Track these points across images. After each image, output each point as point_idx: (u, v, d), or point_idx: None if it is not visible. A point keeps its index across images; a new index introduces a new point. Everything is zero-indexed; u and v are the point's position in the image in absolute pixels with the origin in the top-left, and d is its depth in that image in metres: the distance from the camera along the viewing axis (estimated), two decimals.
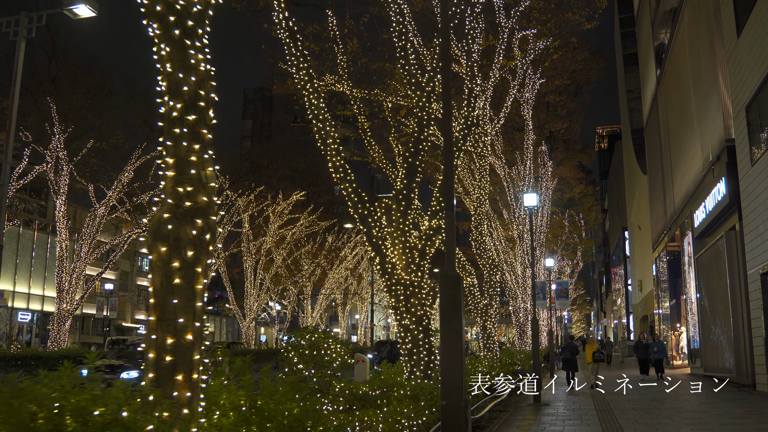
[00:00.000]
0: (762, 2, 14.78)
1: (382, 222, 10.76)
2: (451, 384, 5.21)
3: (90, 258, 30.34)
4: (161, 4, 4.23)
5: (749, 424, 10.37)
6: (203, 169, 3.99)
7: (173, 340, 3.66)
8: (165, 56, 4.19)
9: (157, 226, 3.88)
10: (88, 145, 28.95)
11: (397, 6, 11.41)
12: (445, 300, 5.22)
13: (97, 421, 2.83)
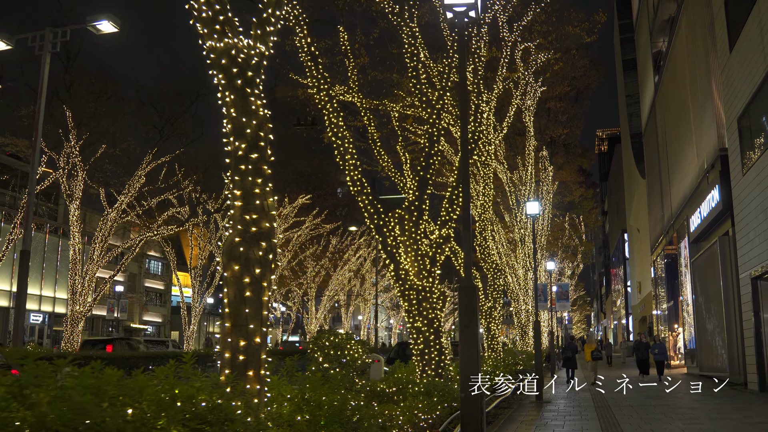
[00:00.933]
0: (752, 20, 15.58)
1: (396, 231, 11.56)
2: (468, 378, 6.02)
3: (102, 261, 31.13)
4: (226, 58, 5.05)
5: (737, 419, 11.16)
6: (265, 199, 4.80)
7: (245, 343, 4.46)
8: (229, 102, 5.00)
9: (230, 248, 4.69)
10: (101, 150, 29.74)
11: (409, 30, 12.21)
12: (463, 308, 6.04)
13: (203, 406, 3.60)
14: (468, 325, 5.98)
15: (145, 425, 2.94)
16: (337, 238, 54.98)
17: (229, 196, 4.87)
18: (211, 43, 5.05)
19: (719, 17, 18.79)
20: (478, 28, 14.06)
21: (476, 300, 6.09)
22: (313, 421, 4.78)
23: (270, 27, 5.36)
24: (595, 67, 38.42)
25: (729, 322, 18.68)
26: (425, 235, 11.83)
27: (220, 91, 5.06)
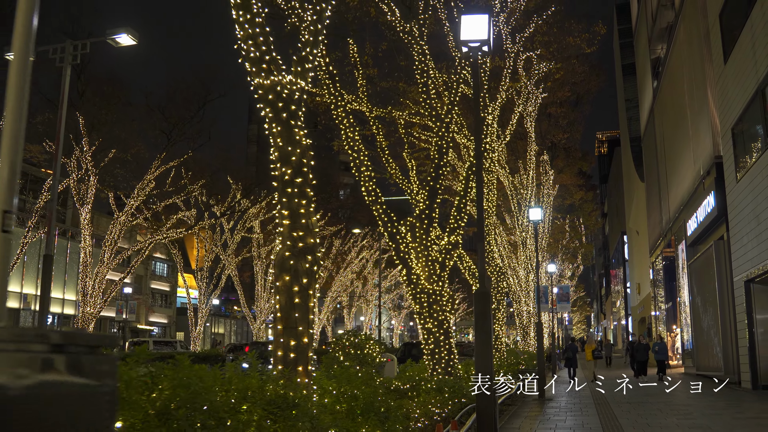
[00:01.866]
0: (745, 35, 16.31)
1: (408, 238, 12.29)
2: (483, 373, 6.75)
3: (112, 264, 31.84)
4: (272, 94, 5.78)
5: (729, 415, 11.89)
6: (309, 218, 5.53)
7: (295, 342, 5.18)
8: (276, 133, 5.73)
9: (281, 261, 5.42)
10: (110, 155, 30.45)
11: (419, 48, 12.95)
12: (478, 312, 6.77)
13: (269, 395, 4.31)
14: (482, 327, 6.71)
15: (234, 408, 3.67)
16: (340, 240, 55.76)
17: (278, 215, 5.61)
18: (258, 80, 5.78)
19: (714, 29, 19.53)
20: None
21: (489, 305, 6.82)
22: (350, 410, 5.49)
23: (309, 64, 6.08)
24: (595, 73, 39.16)
25: (724, 323, 19.40)
26: (435, 242, 12.56)
27: (267, 123, 5.79)
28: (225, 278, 44.28)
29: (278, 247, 5.58)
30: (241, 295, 47.25)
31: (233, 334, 71.63)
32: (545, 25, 21.47)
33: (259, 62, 5.77)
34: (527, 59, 22.49)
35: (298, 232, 5.42)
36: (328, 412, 5.18)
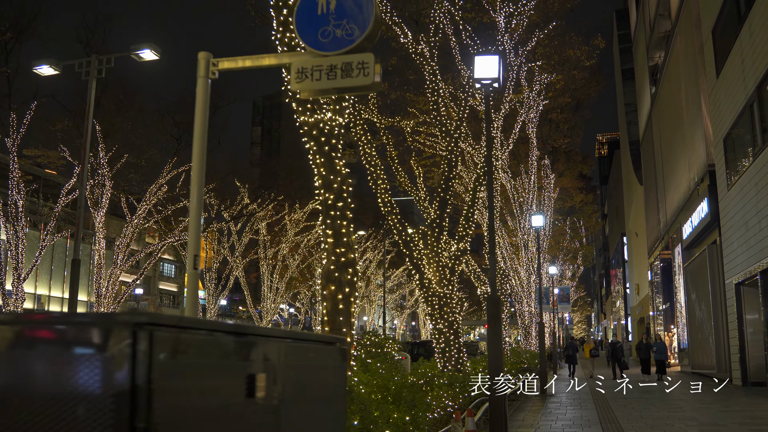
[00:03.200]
0: (735, 52, 17.30)
1: (420, 245, 13.30)
2: (495, 370, 7.77)
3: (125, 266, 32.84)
4: (316, 130, 6.79)
5: (717, 408, 12.90)
6: (350, 237, 6.53)
7: None
8: (319, 164, 6.75)
9: (327, 274, 6.43)
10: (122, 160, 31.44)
11: (430, 68, 13.96)
12: (490, 315, 7.77)
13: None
14: (494, 328, 7.72)
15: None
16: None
17: (322, 234, 6.63)
18: (304, 117, 6.80)
19: (707, 44, 20.52)
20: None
21: (500, 309, 7.82)
22: (384, 399, 6.49)
23: (345, 102, 7.09)
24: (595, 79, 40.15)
25: (717, 324, 20.41)
26: (445, 249, 13.57)
27: (311, 155, 6.80)
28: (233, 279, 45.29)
29: (323, 261, 6.59)
30: (247, 295, 48.26)
31: None
32: (546, 38, 22.46)
33: (304, 102, 6.78)
34: (529, 70, 23.49)
35: (341, 249, 6.43)
36: (366, 400, 6.19)
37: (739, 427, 10.01)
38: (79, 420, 1.39)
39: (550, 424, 10.97)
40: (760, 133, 15.53)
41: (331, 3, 3.86)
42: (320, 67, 3.89)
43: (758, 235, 15.72)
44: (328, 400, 2.55)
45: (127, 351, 1.39)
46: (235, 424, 1.77)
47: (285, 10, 6.97)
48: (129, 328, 1.43)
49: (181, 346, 1.54)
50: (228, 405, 1.75)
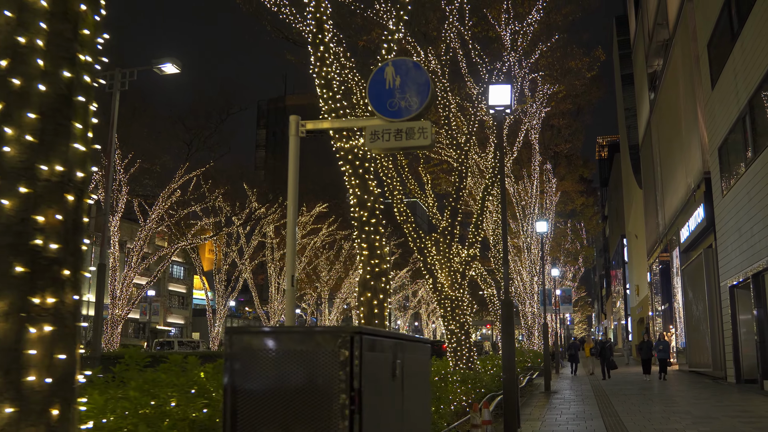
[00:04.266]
0: (729, 67, 18.25)
1: (433, 252, 14.25)
2: (508, 366, 8.72)
3: (138, 268, 33.81)
4: (351, 155, 7.75)
5: (710, 404, 13.84)
6: (382, 249, 7.48)
7: None
8: (354, 185, 7.70)
9: (364, 282, 7.39)
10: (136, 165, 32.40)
11: (441, 85, 14.91)
12: (504, 317, 8.70)
13: None
14: (507, 329, 8.66)
15: None
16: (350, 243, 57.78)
17: (357, 247, 7.58)
18: (339, 144, 7.76)
19: (703, 57, 21.47)
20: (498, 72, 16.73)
21: (512, 312, 8.76)
22: None
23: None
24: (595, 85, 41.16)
25: (712, 324, 21.36)
26: (456, 255, 14.52)
27: (346, 177, 7.76)
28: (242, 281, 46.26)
29: (359, 271, 7.54)
30: (255, 296, 49.21)
31: None
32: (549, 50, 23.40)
33: (340, 130, 7.74)
34: (532, 80, 24.45)
35: (375, 260, 7.38)
36: None
37: (730, 420, 10.94)
38: (327, 383, 2.71)
39: (555, 417, 11.91)
40: (752, 144, 16.47)
41: (397, 80, 4.82)
42: (389, 131, 4.86)
43: (750, 241, 16.66)
44: (422, 376, 3.82)
45: (348, 346, 2.67)
46: (388, 388, 3.06)
47: (321, 47, 7.93)
48: (350, 334, 2.71)
49: (370, 344, 2.80)
50: (387, 377, 3.04)
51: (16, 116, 2.56)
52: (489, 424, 7.74)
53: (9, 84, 2.58)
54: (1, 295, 2.43)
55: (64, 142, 2.65)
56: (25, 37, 2.62)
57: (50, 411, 2.47)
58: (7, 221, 2.49)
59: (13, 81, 2.58)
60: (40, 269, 2.52)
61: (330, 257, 55.22)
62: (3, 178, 2.51)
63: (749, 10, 16.18)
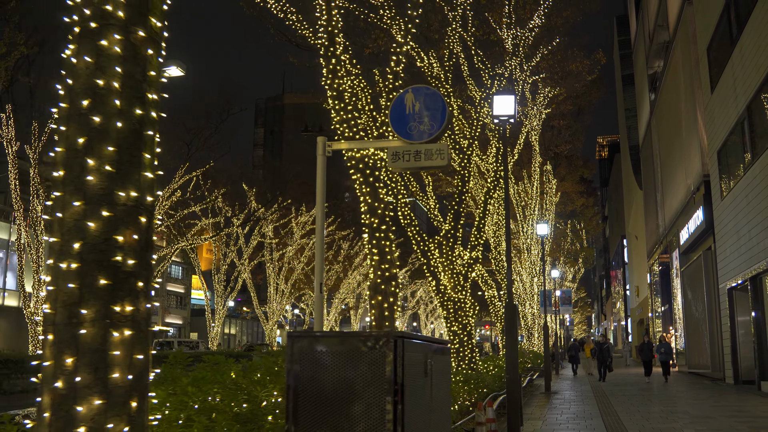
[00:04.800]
0: (728, 72, 18.49)
1: (436, 254, 14.49)
2: (511, 366, 8.96)
3: None
4: (362, 164, 7.99)
5: (707, 404, 14.09)
6: (392, 254, 7.72)
7: None
8: (365, 192, 7.94)
9: (375, 286, 7.63)
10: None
11: (445, 90, 15.14)
12: (507, 319, 8.94)
13: None
14: (510, 331, 8.90)
15: None
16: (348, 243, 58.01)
17: (368, 253, 7.83)
18: (351, 153, 8.00)
19: (702, 61, 21.71)
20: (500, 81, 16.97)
21: (516, 315, 8.98)
22: None
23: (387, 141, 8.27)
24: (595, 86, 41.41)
25: (711, 326, 21.60)
26: (459, 258, 14.76)
27: (357, 185, 7.99)
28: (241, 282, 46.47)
29: (371, 276, 7.79)
30: (254, 297, 49.42)
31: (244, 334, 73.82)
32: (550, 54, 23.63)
33: (351, 140, 7.97)
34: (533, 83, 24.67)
35: (385, 265, 7.63)
36: None
37: (726, 420, 11.19)
38: (375, 379, 3.28)
39: (556, 416, 12.16)
40: (750, 149, 16.71)
41: (416, 106, 5.09)
42: (409, 152, 5.14)
43: (748, 244, 16.91)
44: (445, 373, 4.35)
45: (392, 346, 3.24)
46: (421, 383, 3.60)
47: (333, 60, 8.16)
48: (393, 337, 3.24)
49: (408, 346, 3.35)
50: (421, 374, 3.58)
51: (96, 149, 2.85)
52: (493, 422, 7.98)
53: (90, 121, 2.86)
54: (89, 305, 2.72)
55: (136, 171, 2.93)
56: (103, 80, 2.89)
57: (130, 403, 2.78)
58: (92, 241, 2.77)
59: (93, 119, 2.86)
60: (120, 282, 2.80)
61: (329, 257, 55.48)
62: (87, 203, 2.79)
63: (748, 16, 16.42)
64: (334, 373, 3.32)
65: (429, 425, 3.76)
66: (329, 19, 8.29)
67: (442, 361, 4.21)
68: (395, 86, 8.96)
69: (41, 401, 2.78)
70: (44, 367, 2.79)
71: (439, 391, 4.01)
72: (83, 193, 2.84)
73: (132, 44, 3.06)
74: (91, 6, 3.06)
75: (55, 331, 2.77)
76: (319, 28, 8.36)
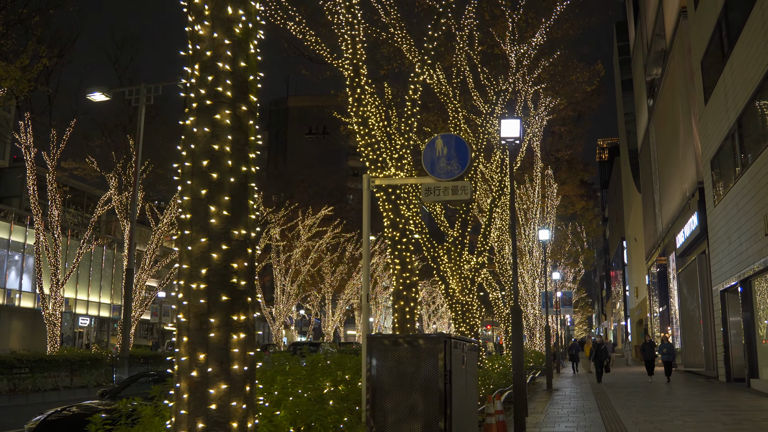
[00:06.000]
0: (720, 86, 19.46)
1: (445, 260, 15.48)
2: (518, 363, 9.97)
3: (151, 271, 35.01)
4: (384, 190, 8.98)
5: (699, 399, 15.08)
6: (412, 264, 8.72)
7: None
8: (387, 209, 8.94)
9: (397, 292, 8.63)
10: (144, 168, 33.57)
11: (453, 105, 16.13)
12: (514, 322, 9.93)
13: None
14: (516, 333, 9.90)
15: None
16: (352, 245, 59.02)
17: (391, 264, 8.84)
18: (375, 173, 8.99)
19: (697, 74, 22.69)
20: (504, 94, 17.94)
21: (521, 318, 9.97)
22: None
23: (404, 160, 9.27)
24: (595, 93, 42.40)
25: (705, 326, 22.60)
26: (466, 263, 15.75)
27: (380, 202, 8.99)
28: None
29: (393, 284, 8.78)
30: (261, 298, 50.42)
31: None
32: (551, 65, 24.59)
33: (375, 162, 8.97)
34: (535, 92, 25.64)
35: (406, 274, 8.63)
36: None
37: (714, 413, 12.18)
38: (432, 368, 4.59)
39: (557, 411, 13.16)
40: (740, 160, 17.71)
41: (444, 150, 6.10)
42: (439, 188, 6.16)
43: (738, 249, 17.90)
44: (474, 365, 5.59)
45: (443, 345, 4.52)
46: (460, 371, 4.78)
47: (358, 90, 9.16)
48: (443, 339, 4.52)
49: (453, 344, 4.57)
50: (459, 364, 4.73)
51: (216, 198, 3.83)
52: (501, 414, 8.97)
53: (210, 177, 3.84)
54: (215, 315, 3.70)
55: (245, 214, 3.92)
56: (218, 145, 3.88)
57: (246, 387, 3.76)
58: (216, 267, 3.76)
59: (212, 175, 3.85)
60: (236, 298, 3.79)
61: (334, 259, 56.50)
62: (211, 239, 3.78)
63: (738, 34, 17.41)
64: (403, 364, 4.58)
65: (465, 401, 4.99)
66: (354, 52, 9.28)
67: (473, 356, 5.46)
68: (413, 112, 9.97)
69: (179, 387, 3.77)
70: (181, 361, 3.78)
71: (471, 377, 5.24)
72: (207, 231, 3.83)
73: (237, 117, 4.05)
74: (206, 87, 4.06)
75: (189, 335, 3.76)
76: (344, 61, 9.36)
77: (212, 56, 4.11)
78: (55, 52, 27.11)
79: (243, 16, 4.22)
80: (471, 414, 5.57)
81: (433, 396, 4.50)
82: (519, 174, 36.52)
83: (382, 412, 4.64)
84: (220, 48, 4.12)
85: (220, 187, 3.92)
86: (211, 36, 4.13)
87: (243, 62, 4.15)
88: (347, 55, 9.26)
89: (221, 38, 4.13)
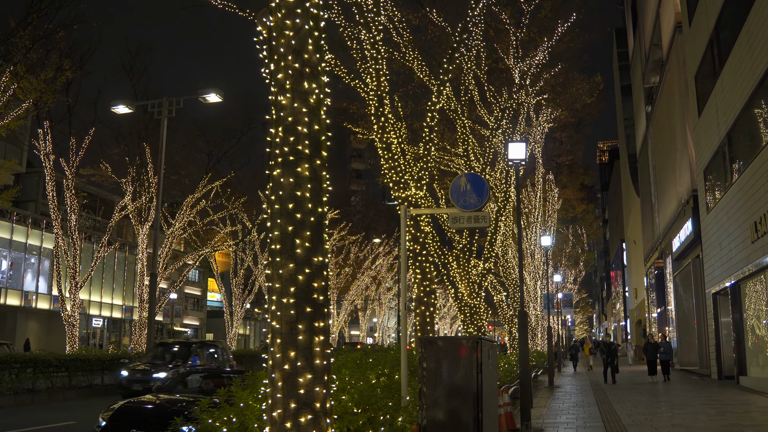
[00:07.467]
0: (712, 100, 20.64)
1: (454, 265, 16.68)
2: (524, 360, 11.17)
3: (165, 273, 36.21)
4: (406, 202, 10.17)
5: (689, 395, 16.28)
6: (432, 273, 9.92)
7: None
8: (408, 225, 10.13)
9: (418, 299, 9.83)
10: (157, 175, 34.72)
11: (461, 122, 17.33)
12: (520, 324, 11.12)
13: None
14: (522, 334, 11.09)
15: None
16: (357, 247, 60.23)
17: (412, 273, 10.03)
18: (398, 193, 10.19)
19: (691, 87, 23.88)
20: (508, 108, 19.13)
21: (527, 320, 11.16)
22: None
23: (423, 181, 10.46)
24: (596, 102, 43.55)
25: (699, 326, 23.80)
26: (474, 269, 16.96)
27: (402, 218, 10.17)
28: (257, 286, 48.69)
29: (414, 290, 10.00)
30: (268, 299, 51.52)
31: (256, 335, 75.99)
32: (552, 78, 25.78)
33: (398, 183, 10.17)
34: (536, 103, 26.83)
35: (426, 282, 9.83)
36: None
37: (702, 407, 13.37)
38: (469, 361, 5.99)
39: (559, 405, 14.36)
40: (729, 172, 18.90)
41: (468, 186, 7.32)
42: (463, 217, 7.37)
43: (729, 254, 19.08)
44: (495, 359, 6.93)
45: (477, 344, 5.89)
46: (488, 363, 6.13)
47: (383, 118, 10.36)
48: (476, 340, 5.89)
49: (484, 345, 5.95)
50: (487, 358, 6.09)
51: (300, 234, 5.04)
52: (509, 405, 10.17)
53: (295, 217, 5.05)
54: (302, 322, 4.91)
55: (321, 245, 5.12)
56: (300, 192, 5.08)
57: (325, 377, 4.96)
58: (301, 286, 4.97)
59: (296, 215, 5.05)
60: (317, 309, 4.99)
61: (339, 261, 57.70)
62: (297, 265, 4.98)
63: (727, 55, 18.59)
64: (444, 359, 5.88)
65: (491, 387, 6.41)
66: (378, 85, 10.48)
67: (494, 353, 6.81)
68: (430, 138, 11.17)
69: (273, 377, 4.95)
70: (275, 358, 4.96)
71: (494, 368, 6.64)
72: (294, 259, 5.02)
73: (314, 169, 5.24)
74: (288, 146, 5.26)
75: (282, 337, 4.96)
76: (370, 92, 10.55)
77: (293, 121, 5.32)
78: (77, 64, 28.22)
79: (316, 89, 5.42)
80: (493, 398, 6.96)
81: (471, 382, 5.81)
82: (521, 178, 37.69)
83: (431, 399, 5.91)
84: (299, 115, 5.32)
85: (302, 225, 5.11)
86: (291, 105, 5.34)
87: (317, 125, 5.36)
88: (372, 87, 10.45)
89: (300, 107, 5.33)
